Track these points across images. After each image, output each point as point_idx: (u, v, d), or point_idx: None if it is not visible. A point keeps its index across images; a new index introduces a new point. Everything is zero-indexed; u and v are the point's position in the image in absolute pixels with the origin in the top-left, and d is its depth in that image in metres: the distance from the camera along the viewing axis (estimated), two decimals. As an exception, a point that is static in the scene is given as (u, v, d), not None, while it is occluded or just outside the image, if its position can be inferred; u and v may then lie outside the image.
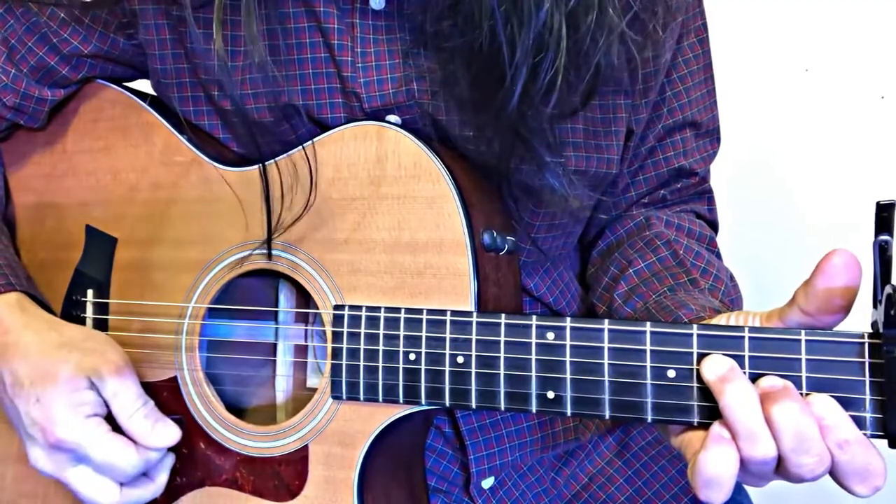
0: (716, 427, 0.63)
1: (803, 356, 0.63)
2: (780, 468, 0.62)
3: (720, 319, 0.70)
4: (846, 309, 0.62)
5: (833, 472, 0.61)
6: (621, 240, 0.94)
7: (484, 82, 0.73)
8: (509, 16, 0.69)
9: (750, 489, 0.97)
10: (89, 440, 0.77)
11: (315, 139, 0.80)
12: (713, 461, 0.61)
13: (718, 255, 0.94)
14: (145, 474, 0.81)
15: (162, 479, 0.82)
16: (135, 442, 0.79)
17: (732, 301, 0.87)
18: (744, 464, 0.62)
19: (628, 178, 0.93)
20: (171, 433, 0.80)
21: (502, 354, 0.71)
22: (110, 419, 0.80)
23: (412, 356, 0.74)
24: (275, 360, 0.88)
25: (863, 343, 0.61)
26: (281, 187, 0.80)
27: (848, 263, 0.60)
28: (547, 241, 0.89)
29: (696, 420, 0.65)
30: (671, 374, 0.66)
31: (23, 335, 0.80)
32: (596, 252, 0.96)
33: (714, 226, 0.98)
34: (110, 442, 0.78)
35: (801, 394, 0.63)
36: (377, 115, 0.81)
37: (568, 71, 0.71)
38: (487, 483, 0.90)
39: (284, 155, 0.81)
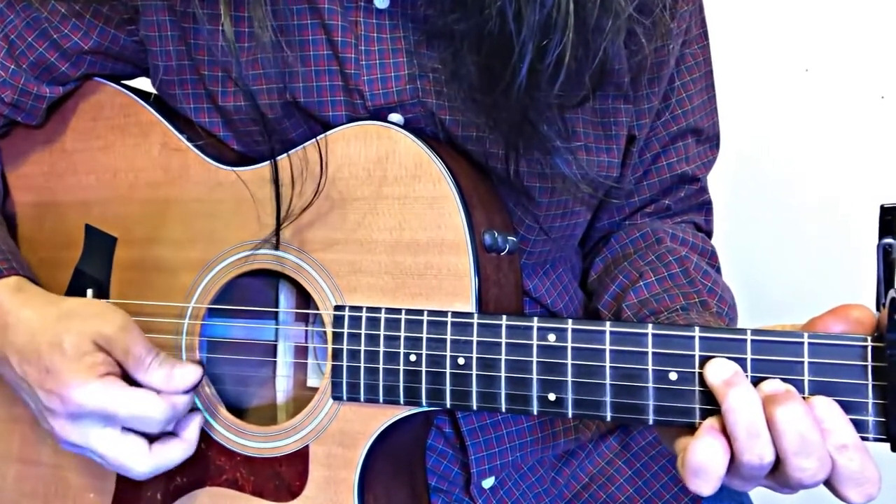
0: (709, 420, 0.63)
1: (805, 359, 0.63)
2: (780, 473, 0.62)
3: None
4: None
5: (828, 477, 0.61)
6: (628, 251, 0.94)
7: (493, 65, 0.73)
8: None
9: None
10: (111, 397, 0.74)
11: (318, 137, 0.80)
12: (703, 449, 0.62)
13: (718, 270, 0.96)
14: (174, 434, 0.79)
15: (191, 434, 0.79)
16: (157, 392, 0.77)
17: (731, 321, 0.89)
18: (738, 465, 0.62)
19: (633, 185, 0.93)
20: (192, 373, 0.78)
21: (503, 356, 0.71)
22: (126, 379, 0.77)
23: (413, 357, 0.74)
24: (275, 361, 0.87)
25: (865, 346, 0.61)
26: (291, 176, 0.80)
27: (862, 318, 0.63)
28: (555, 228, 0.89)
29: (697, 422, 0.65)
30: (673, 376, 0.66)
31: (22, 313, 0.79)
32: (600, 259, 0.97)
33: (710, 234, 1.00)
34: (133, 393, 0.75)
35: (803, 397, 0.63)
36: (380, 114, 0.81)
37: (576, 50, 0.71)
38: (488, 483, 0.90)
39: (292, 150, 0.81)
